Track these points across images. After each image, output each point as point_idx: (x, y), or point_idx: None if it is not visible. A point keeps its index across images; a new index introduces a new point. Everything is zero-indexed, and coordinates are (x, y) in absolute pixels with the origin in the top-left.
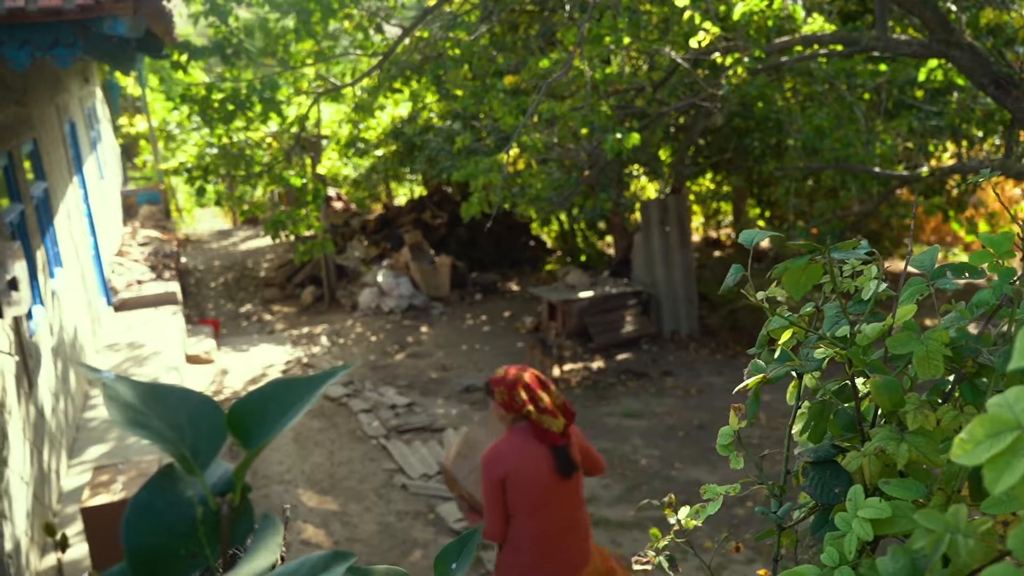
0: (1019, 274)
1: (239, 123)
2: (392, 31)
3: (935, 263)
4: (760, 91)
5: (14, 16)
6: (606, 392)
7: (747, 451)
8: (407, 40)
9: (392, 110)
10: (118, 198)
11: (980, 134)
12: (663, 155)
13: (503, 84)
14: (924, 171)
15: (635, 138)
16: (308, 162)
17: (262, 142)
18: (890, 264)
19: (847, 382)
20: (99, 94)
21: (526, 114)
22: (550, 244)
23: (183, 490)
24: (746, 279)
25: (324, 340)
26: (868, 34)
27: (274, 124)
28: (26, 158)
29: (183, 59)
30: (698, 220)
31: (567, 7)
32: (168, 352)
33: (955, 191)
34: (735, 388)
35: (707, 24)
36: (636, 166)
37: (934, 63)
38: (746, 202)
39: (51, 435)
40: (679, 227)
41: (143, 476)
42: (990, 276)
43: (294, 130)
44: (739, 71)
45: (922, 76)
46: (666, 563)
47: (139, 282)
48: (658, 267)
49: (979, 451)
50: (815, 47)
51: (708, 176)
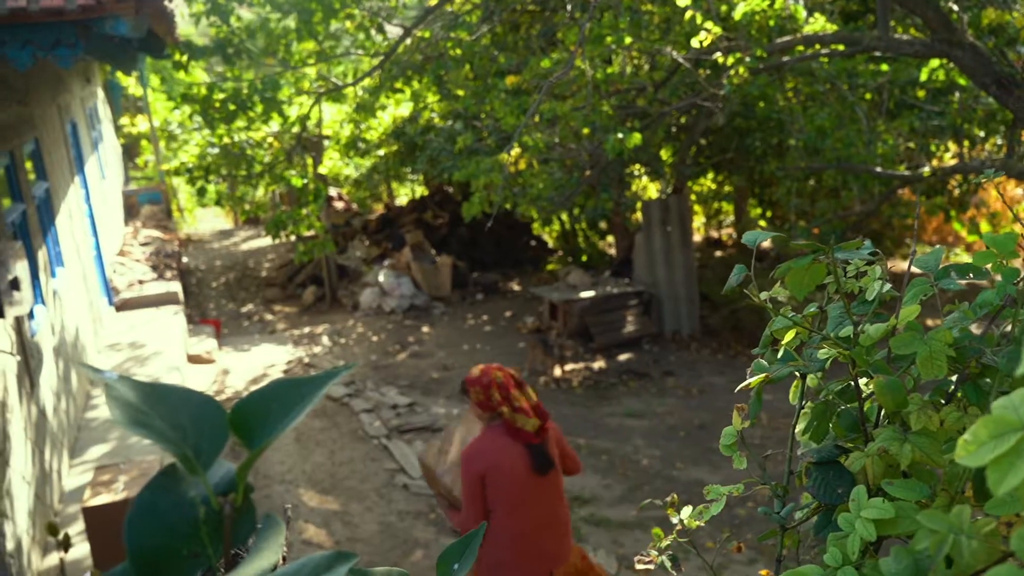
0: (1023, 275)
1: (240, 123)
2: (393, 31)
3: (940, 264)
4: (762, 91)
5: (16, 16)
6: (607, 392)
7: (750, 451)
8: (408, 40)
9: (393, 110)
10: (120, 198)
11: (982, 134)
12: (664, 155)
13: (504, 84)
14: (926, 171)
15: (636, 138)
16: (309, 162)
17: (263, 142)
18: (891, 264)
19: (850, 382)
20: (101, 94)
21: (527, 114)
22: (551, 244)
23: (186, 490)
24: (749, 279)
25: (325, 340)
26: (870, 34)
27: (275, 124)
28: (28, 158)
29: (184, 59)
30: (699, 220)
31: (568, 7)
32: (169, 352)
33: (956, 191)
34: (736, 388)
35: (709, 24)
36: (637, 166)
37: (936, 63)
38: (747, 202)
39: (53, 435)
40: (680, 227)
41: (144, 476)
42: (993, 277)
43: (295, 130)
44: (741, 71)
45: (924, 76)
46: (668, 563)
47: (140, 282)
48: (659, 267)
49: (983, 452)
50: (817, 47)
51: (709, 176)
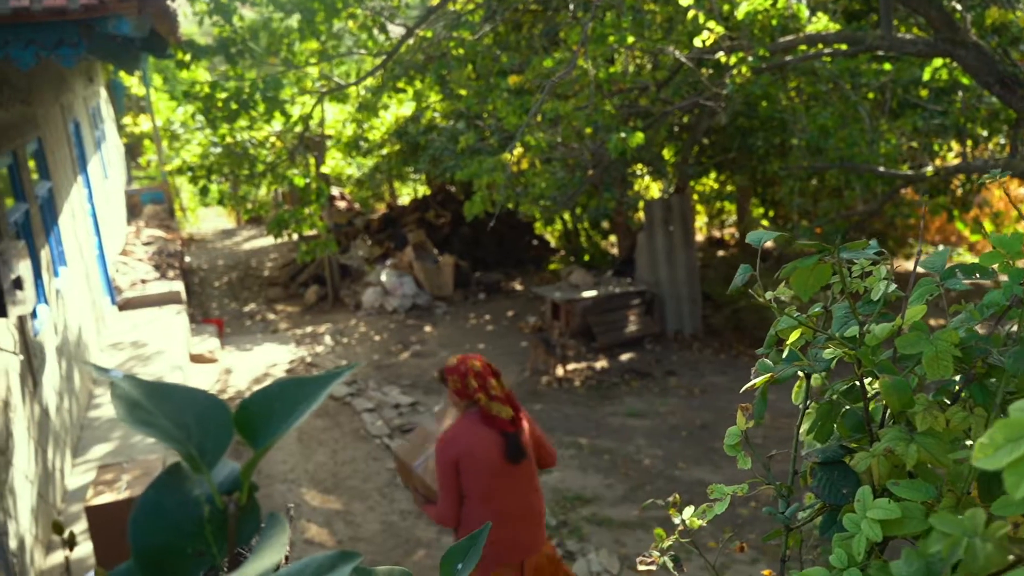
0: None
1: (243, 122)
2: (396, 31)
3: (946, 264)
4: (764, 90)
5: (19, 16)
6: (610, 392)
7: (754, 451)
8: (411, 40)
9: (396, 110)
10: (122, 197)
11: (985, 133)
12: (667, 154)
13: (507, 83)
14: (929, 171)
15: (639, 137)
16: (312, 161)
17: (266, 141)
18: (895, 264)
19: (855, 382)
20: (103, 93)
21: (530, 113)
22: (554, 243)
23: (190, 489)
24: (754, 279)
25: (328, 339)
26: (872, 33)
27: (278, 123)
28: (31, 157)
29: (187, 58)
30: (702, 220)
31: (571, 6)
32: (172, 351)
33: (960, 191)
34: (739, 388)
35: (711, 23)
36: (640, 165)
37: (939, 62)
38: (750, 202)
39: (55, 434)
40: (683, 227)
41: (147, 475)
42: (999, 277)
43: (298, 129)
44: (743, 70)
45: (927, 75)
46: (671, 563)
47: (143, 281)
48: (662, 267)
49: (1000, 456)
50: (819, 46)
51: (712, 175)
